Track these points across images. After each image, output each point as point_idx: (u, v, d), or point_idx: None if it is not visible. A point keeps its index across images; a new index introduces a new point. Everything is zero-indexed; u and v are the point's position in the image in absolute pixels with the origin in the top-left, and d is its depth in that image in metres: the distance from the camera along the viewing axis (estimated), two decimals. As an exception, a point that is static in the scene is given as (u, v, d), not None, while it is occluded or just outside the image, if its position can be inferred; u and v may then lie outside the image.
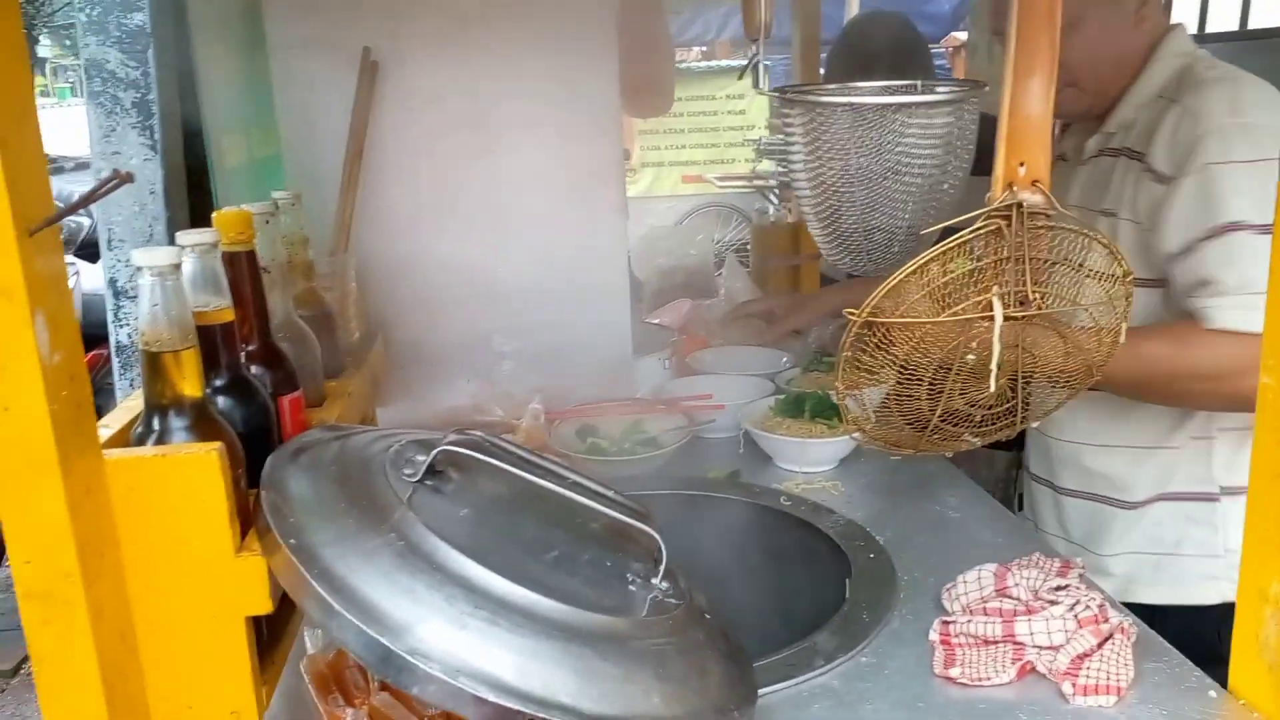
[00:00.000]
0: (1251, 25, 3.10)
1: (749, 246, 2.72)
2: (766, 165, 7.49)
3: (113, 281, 2.56)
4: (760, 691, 1.00)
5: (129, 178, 0.76)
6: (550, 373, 1.78)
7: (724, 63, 9.22)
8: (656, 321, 2.23)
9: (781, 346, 2.09)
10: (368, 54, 1.61)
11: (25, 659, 3.30)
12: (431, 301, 1.78)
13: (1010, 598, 1.09)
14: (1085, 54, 1.42)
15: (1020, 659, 1.01)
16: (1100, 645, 1.02)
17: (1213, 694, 1.02)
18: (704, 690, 0.90)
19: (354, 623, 0.79)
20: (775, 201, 3.29)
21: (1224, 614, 1.14)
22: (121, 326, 2.64)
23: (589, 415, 1.74)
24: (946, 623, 1.09)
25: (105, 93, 2.48)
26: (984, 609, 1.07)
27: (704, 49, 10.35)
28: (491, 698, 0.77)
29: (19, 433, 0.74)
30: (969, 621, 1.06)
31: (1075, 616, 1.03)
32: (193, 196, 2.17)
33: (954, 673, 1.02)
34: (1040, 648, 1.02)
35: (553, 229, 1.78)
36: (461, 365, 1.80)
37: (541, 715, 0.78)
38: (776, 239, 2.52)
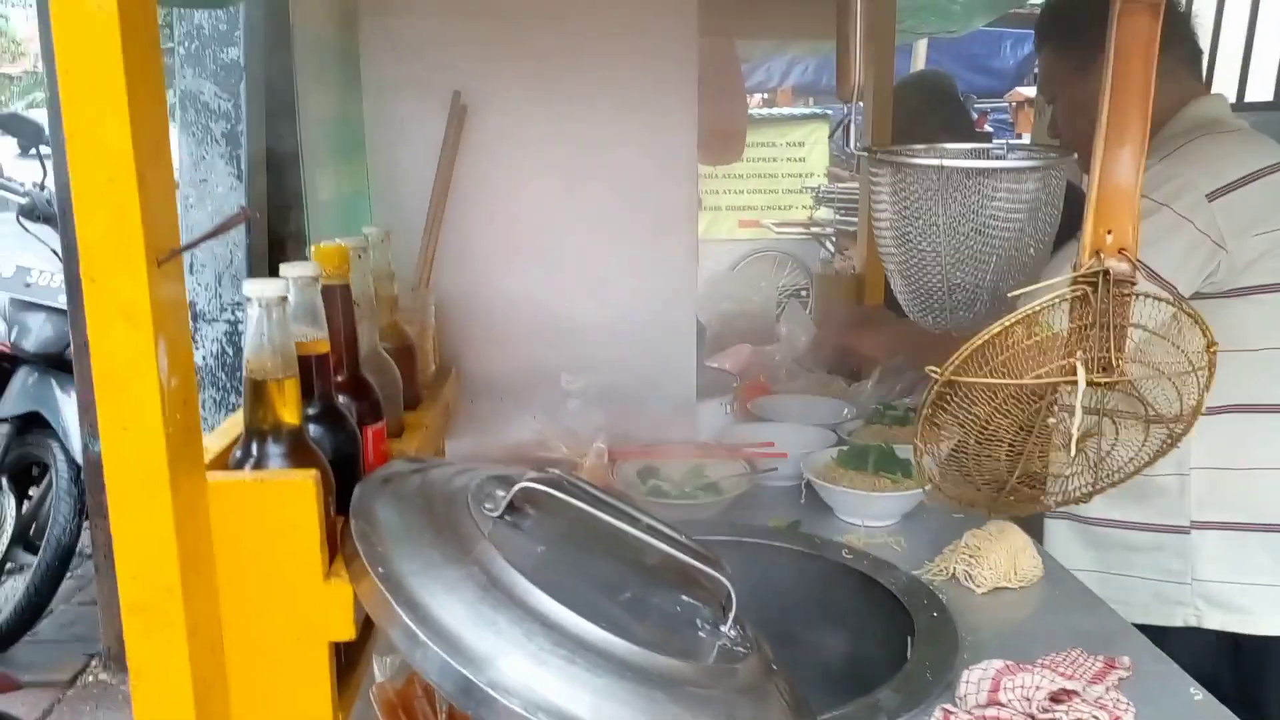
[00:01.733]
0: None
1: (806, 293, 2.74)
2: (824, 213, 7.53)
3: (191, 304, 2.64)
4: (824, 745, 1.00)
5: (249, 215, 0.80)
6: (615, 412, 1.80)
7: (785, 110, 9.29)
8: (717, 366, 2.25)
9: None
10: (458, 97, 1.67)
11: (83, 670, 3.37)
12: (503, 337, 1.82)
13: (1003, 705, 1.05)
14: (1063, 124, 1.58)
15: None
16: None
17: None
18: (772, 739, 0.90)
19: (438, 653, 0.81)
20: (832, 249, 3.30)
21: (1186, 637, 1.50)
22: (198, 349, 2.72)
23: (652, 457, 1.75)
24: (949, 713, 1.06)
25: (198, 123, 2.59)
26: (982, 716, 1.05)
27: (765, 96, 10.45)
28: (567, 734, 0.79)
29: (136, 452, 0.77)
30: None
31: None
32: (271, 228, 2.24)
33: None
34: None
35: (624, 271, 1.82)
36: (528, 401, 1.83)
37: (615, 755, 0.79)
38: (840, 288, 2.53)
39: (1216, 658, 1.48)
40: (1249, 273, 1.46)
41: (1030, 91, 7.60)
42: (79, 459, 3.27)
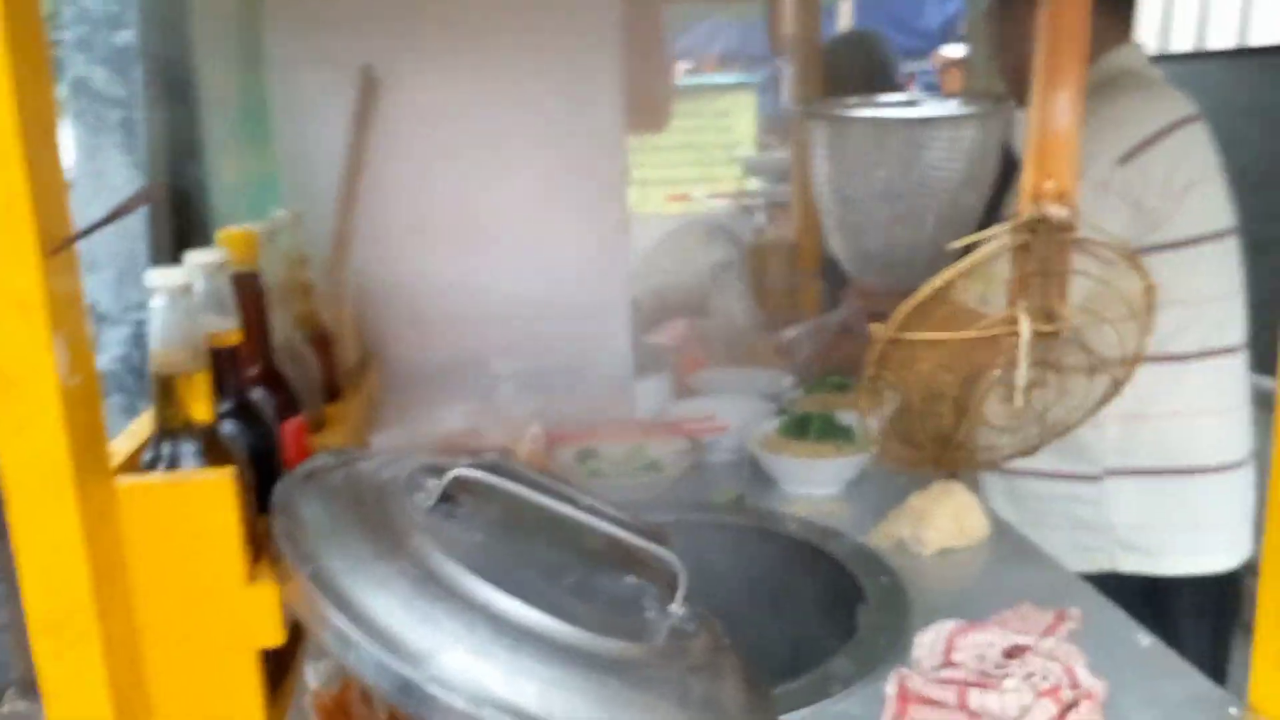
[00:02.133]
0: (1252, 43, 3.14)
1: (741, 264, 2.71)
2: (754, 183, 7.52)
3: (93, 306, 2.52)
4: (781, 718, 0.98)
5: (155, 194, 0.74)
6: (550, 395, 1.76)
7: (712, 78, 9.24)
8: (652, 341, 2.21)
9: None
10: (368, 71, 1.59)
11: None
12: (428, 322, 1.76)
13: (955, 665, 1.05)
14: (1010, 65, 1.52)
15: None
16: (1063, 715, 0.97)
17: (1233, 711, 1.02)
18: (726, 717, 0.88)
19: (373, 652, 0.76)
20: (764, 219, 3.29)
21: (1104, 581, 1.42)
22: (102, 353, 2.61)
23: (590, 438, 1.72)
24: (904, 678, 1.05)
25: (90, 111, 2.45)
26: (938, 677, 1.04)
27: (690, 65, 10.39)
28: (515, 728, 0.75)
29: (35, 455, 0.71)
30: (924, 684, 1.03)
31: (1033, 687, 0.99)
32: (174, 218, 2.14)
33: None
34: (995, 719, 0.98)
35: (553, 248, 1.77)
36: (459, 387, 1.78)
37: (567, 746, 0.76)
38: (773, 257, 2.51)
39: (1135, 601, 1.52)
40: (1158, 232, 1.48)
41: (956, 51, 7.68)
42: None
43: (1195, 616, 1.61)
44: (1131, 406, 1.53)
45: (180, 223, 1.83)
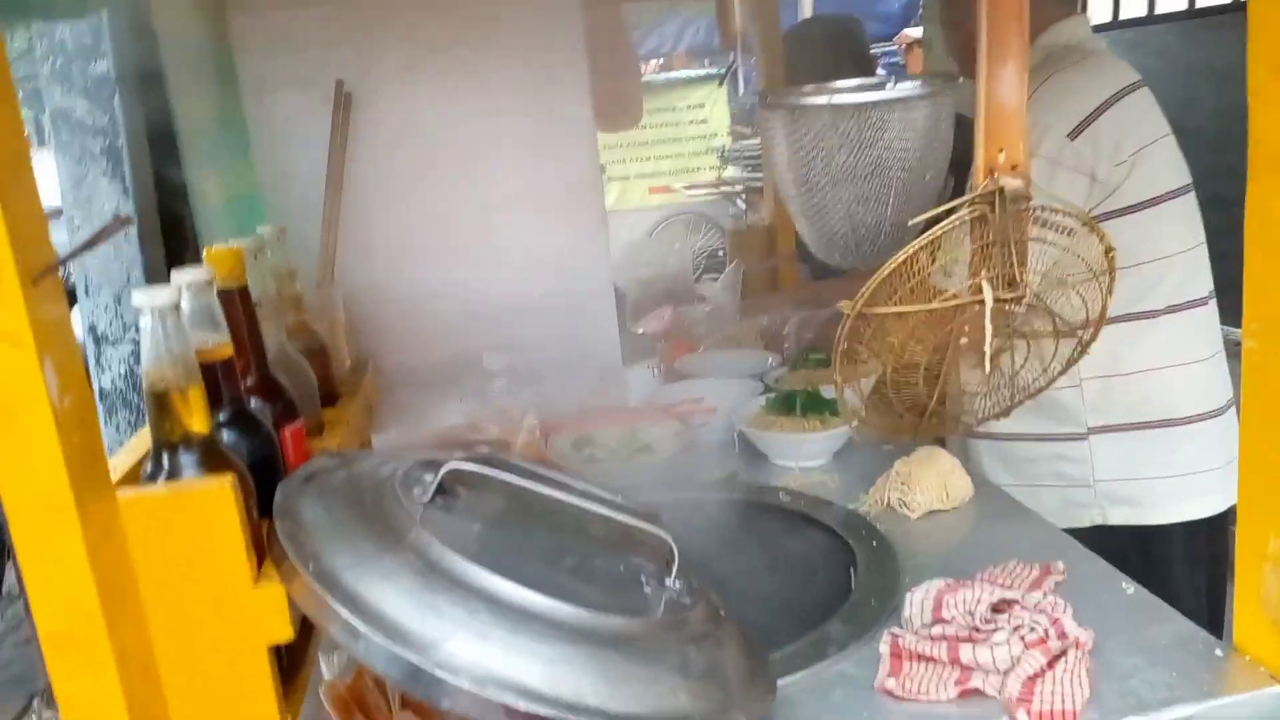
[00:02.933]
0: (1200, 4, 3.19)
1: (722, 252, 2.75)
2: (732, 171, 7.55)
3: (92, 328, 2.55)
4: (780, 682, 1.01)
5: (129, 221, 0.77)
6: (543, 387, 1.79)
7: (683, 73, 9.27)
8: (642, 331, 2.24)
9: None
10: (341, 86, 1.62)
11: (24, 710, 3.25)
12: (420, 326, 1.79)
13: (946, 622, 1.08)
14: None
15: (965, 682, 1.00)
16: (1051, 664, 1.00)
17: (1219, 652, 1.05)
18: (727, 684, 0.91)
19: (381, 643, 0.79)
20: (744, 206, 3.31)
21: (1095, 535, 1.55)
22: (104, 372, 2.64)
23: (584, 427, 1.75)
24: (896, 636, 1.08)
25: (74, 141, 2.47)
26: (929, 635, 1.07)
27: (661, 61, 10.42)
28: (522, 705, 0.78)
29: (34, 479, 0.74)
30: (916, 641, 1.06)
31: (1021, 639, 1.02)
32: (166, 240, 2.16)
33: (890, 684, 1.02)
34: (988, 673, 1.00)
35: (535, 245, 1.80)
36: (454, 386, 1.81)
37: (572, 719, 0.79)
38: (753, 241, 2.54)
39: (1125, 553, 1.55)
40: (1114, 198, 1.52)
41: (918, 32, 7.71)
42: (-6, 501, 3.14)
43: (1188, 564, 1.65)
44: (1108, 366, 1.58)
45: (171, 244, 1.85)
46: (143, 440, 0.99)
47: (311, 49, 1.63)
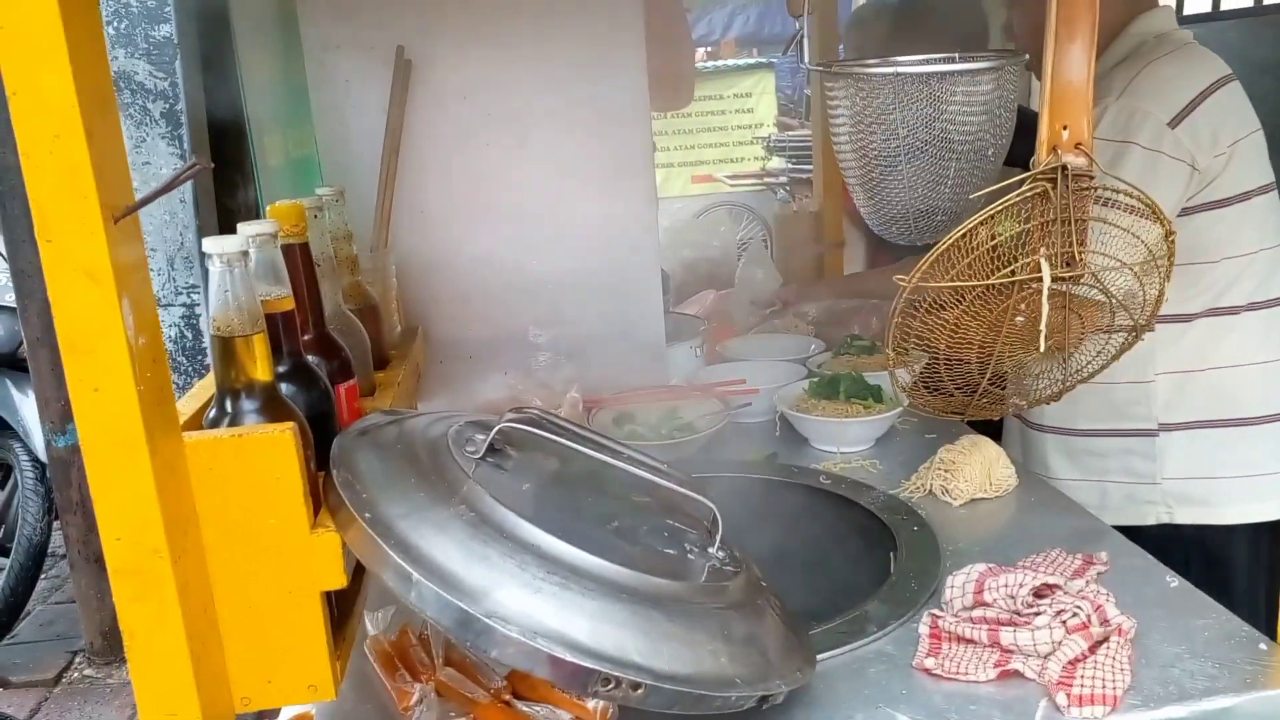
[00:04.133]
0: (1267, 1, 3.13)
1: (766, 239, 2.75)
2: (776, 162, 7.51)
3: (147, 289, 2.57)
4: (819, 657, 1.02)
5: (207, 166, 0.79)
6: (586, 362, 1.80)
7: (730, 62, 9.23)
8: (686, 313, 2.25)
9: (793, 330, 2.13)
10: (401, 53, 1.64)
11: (67, 667, 3.34)
12: (468, 296, 1.81)
13: (987, 605, 1.08)
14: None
15: (1004, 664, 1.00)
16: (1094, 649, 1.00)
17: (1263, 646, 1.04)
18: (766, 652, 0.92)
19: (433, 589, 0.81)
20: (788, 196, 3.31)
21: (1159, 533, 1.56)
22: (156, 333, 2.66)
23: (626, 403, 1.76)
24: (936, 617, 1.09)
25: (135, 104, 2.52)
26: (969, 617, 1.07)
27: (709, 49, 10.39)
28: (568, 657, 0.80)
29: (109, 413, 0.76)
30: (956, 623, 1.06)
31: (1063, 623, 1.02)
32: (220, 205, 2.20)
33: (929, 663, 1.02)
34: (1027, 656, 1.01)
35: (585, 220, 1.81)
36: (499, 358, 1.83)
37: (616, 674, 0.80)
38: (799, 227, 2.54)
39: (1187, 551, 1.53)
40: (1210, 189, 1.50)
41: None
42: (43, 457, 3.21)
43: (1252, 566, 1.61)
44: (1186, 361, 1.57)
45: (226, 208, 1.88)
46: (204, 389, 1.02)
47: (374, 14, 1.65)
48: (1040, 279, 0.91)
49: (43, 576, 3.57)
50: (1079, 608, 1.03)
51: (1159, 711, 0.95)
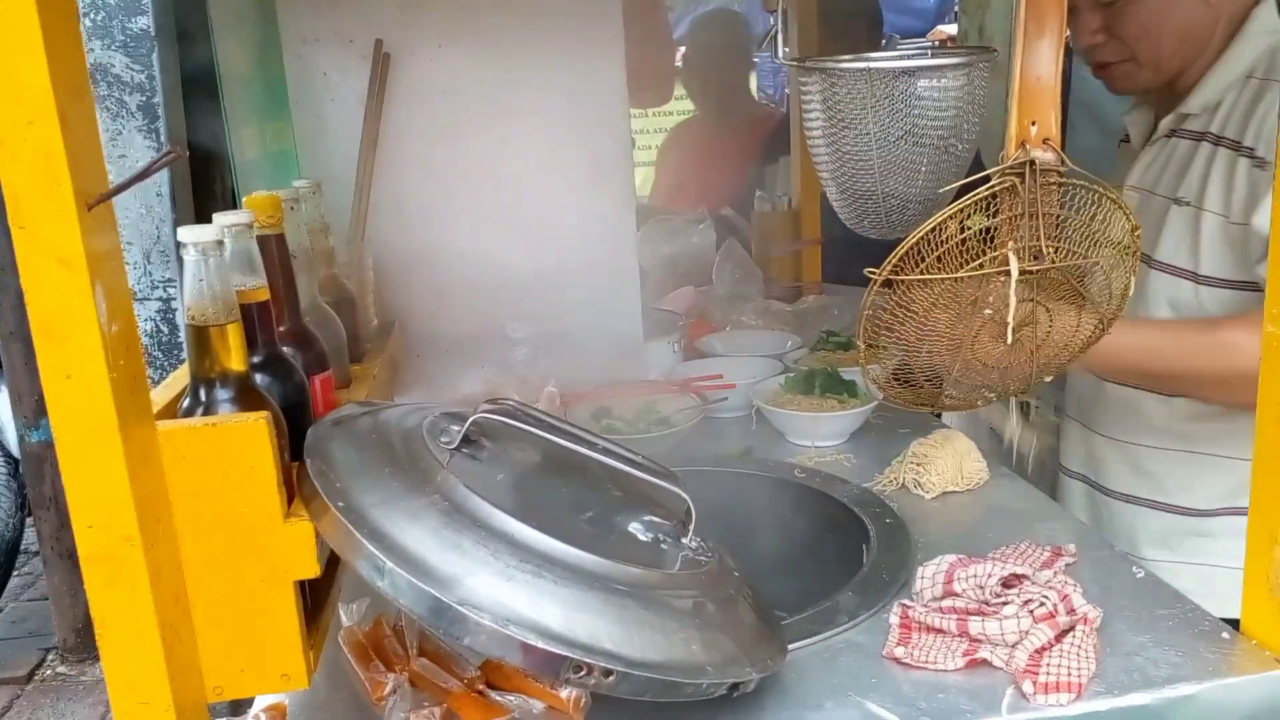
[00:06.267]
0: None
1: (745, 235, 2.76)
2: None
3: (123, 284, 2.56)
4: (790, 646, 1.03)
5: (180, 154, 0.79)
6: (564, 358, 1.81)
7: (712, 61, 9.23)
8: (665, 309, 2.26)
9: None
10: (380, 46, 1.64)
11: (39, 664, 3.31)
12: (445, 290, 1.81)
13: (956, 595, 1.09)
14: (1142, 27, 1.35)
15: (973, 654, 1.01)
16: (1059, 638, 1.01)
17: (1225, 635, 1.06)
18: (739, 639, 0.93)
19: (406, 577, 0.82)
20: (764, 194, 3.31)
21: None
22: (132, 327, 2.64)
23: (603, 398, 1.77)
24: (907, 607, 1.10)
25: (111, 97, 2.51)
26: (939, 607, 1.08)
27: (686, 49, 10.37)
28: (540, 644, 0.80)
29: (81, 400, 0.76)
30: (926, 613, 1.08)
31: (1030, 613, 1.03)
32: (197, 198, 2.19)
33: (899, 652, 1.03)
34: (995, 645, 1.02)
35: (563, 216, 1.81)
36: (476, 353, 1.83)
37: (588, 661, 0.81)
38: (777, 224, 2.55)
39: None
40: None
41: (953, 29, 7.66)
42: (15, 452, 3.19)
43: None
44: None
45: (203, 203, 1.88)
46: (179, 379, 1.02)
47: (353, 7, 1.65)
48: (1009, 272, 0.92)
49: (15, 573, 3.54)
50: (1046, 597, 1.05)
51: (1123, 699, 0.97)
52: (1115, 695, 0.97)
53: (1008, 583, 1.09)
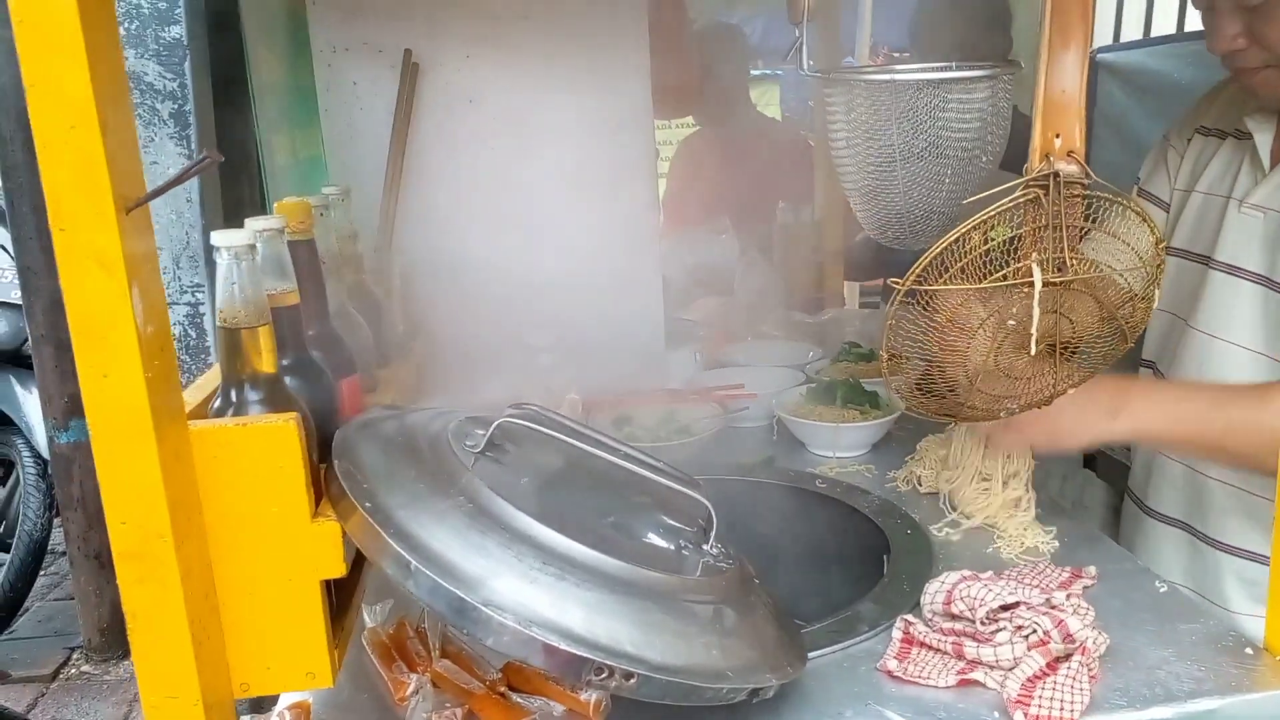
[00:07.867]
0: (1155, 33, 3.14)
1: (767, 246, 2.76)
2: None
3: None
4: (810, 654, 1.03)
5: (217, 158, 0.81)
6: (586, 365, 1.82)
7: (735, 73, 9.25)
8: (686, 318, 2.27)
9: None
10: (409, 56, 1.66)
11: (64, 663, 3.35)
12: (469, 298, 1.82)
13: (955, 617, 1.09)
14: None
15: (966, 674, 1.01)
16: (1053, 666, 1.00)
17: (1249, 651, 1.05)
18: (759, 646, 0.94)
19: (431, 577, 0.83)
20: (786, 205, 3.32)
21: None
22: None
23: (625, 406, 1.78)
24: (910, 623, 1.10)
25: (143, 105, 2.55)
26: (940, 627, 1.08)
27: (714, 60, 10.38)
28: (562, 646, 0.81)
29: (117, 399, 0.78)
30: (926, 633, 1.07)
31: (1024, 638, 1.02)
32: (226, 205, 2.22)
33: (892, 665, 1.03)
34: (989, 667, 1.01)
35: (587, 225, 1.83)
36: (499, 360, 1.84)
37: (609, 663, 0.82)
38: (799, 235, 2.56)
39: None
40: None
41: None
42: (45, 453, 3.23)
43: None
44: None
45: (232, 210, 1.90)
46: (209, 380, 1.04)
47: (383, 17, 1.67)
48: (1032, 283, 0.92)
49: (42, 573, 3.59)
50: (1038, 624, 1.03)
51: (1145, 712, 0.97)
52: (1137, 709, 0.97)
53: (1005, 607, 1.07)
